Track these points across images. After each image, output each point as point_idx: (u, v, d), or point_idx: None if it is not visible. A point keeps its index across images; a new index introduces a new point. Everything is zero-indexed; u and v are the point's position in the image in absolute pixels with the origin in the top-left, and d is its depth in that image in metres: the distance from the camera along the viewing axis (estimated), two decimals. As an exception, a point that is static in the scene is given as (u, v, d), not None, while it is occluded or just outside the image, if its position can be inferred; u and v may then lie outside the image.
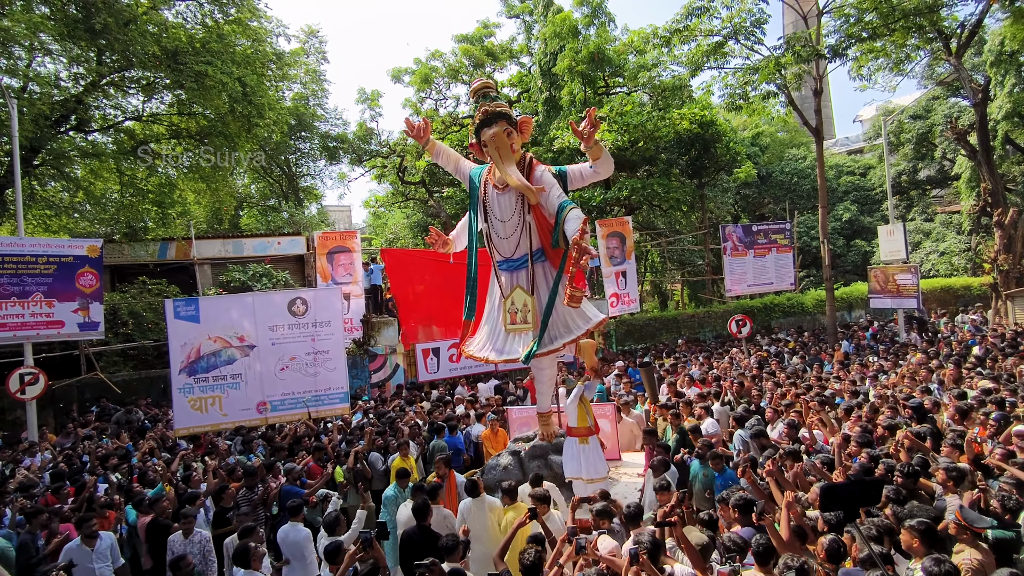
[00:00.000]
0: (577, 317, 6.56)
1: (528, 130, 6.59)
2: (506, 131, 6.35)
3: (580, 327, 6.51)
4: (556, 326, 6.57)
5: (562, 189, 6.42)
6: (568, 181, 6.56)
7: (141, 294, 16.56)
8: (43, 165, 16.03)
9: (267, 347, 11.13)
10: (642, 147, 21.08)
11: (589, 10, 22.46)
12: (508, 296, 6.82)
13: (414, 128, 6.62)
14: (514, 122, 6.48)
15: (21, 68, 14.85)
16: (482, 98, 6.67)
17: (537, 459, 7.74)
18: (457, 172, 7.12)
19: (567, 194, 6.46)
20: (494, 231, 6.74)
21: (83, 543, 5.97)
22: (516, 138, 6.46)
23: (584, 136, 6.00)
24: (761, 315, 22.29)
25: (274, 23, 20.02)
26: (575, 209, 6.09)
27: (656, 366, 14.03)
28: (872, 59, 17.04)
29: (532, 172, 6.52)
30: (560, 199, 6.26)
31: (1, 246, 11.62)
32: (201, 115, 17.37)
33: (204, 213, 26.14)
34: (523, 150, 6.81)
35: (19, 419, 12.70)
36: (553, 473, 7.42)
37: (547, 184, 6.37)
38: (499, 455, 8.00)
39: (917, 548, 4.13)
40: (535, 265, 6.65)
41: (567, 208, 6.09)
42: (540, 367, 7.41)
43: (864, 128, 43.26)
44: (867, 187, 32.76)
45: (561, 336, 6.54)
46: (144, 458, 9.24)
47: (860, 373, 11.31)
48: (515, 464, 7.73)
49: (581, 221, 5.85)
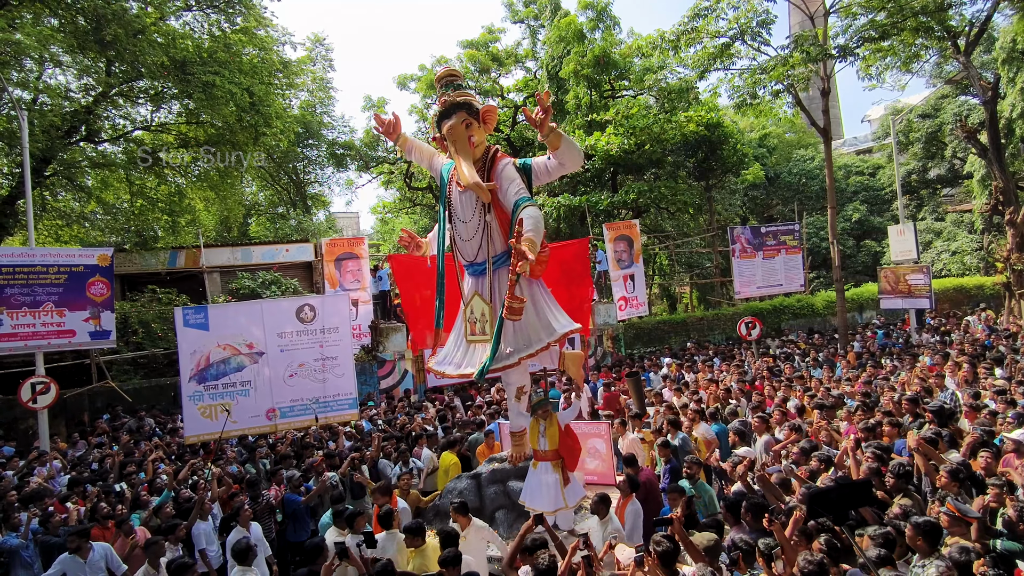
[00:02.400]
0: (540, 329, 5.89)
1: (492, 120, 6.02)
2: (464, 122, 5.80)
3: (541, 340, 5.83)
4: (515, 338, 5.90)
5: (526, 184, 5.84)
6: (533, 175, 5.94)
7: (151, 303, 16.66)
8: (54, 175, 16.19)
9: (276, 354, 11.15)
10: (649, 150, 21.04)
11: (594, 14, 22.48)
12: (468, 304, 6.30)
13: (384, 124, 6.21)
14: (475, 112, 5.88)
15: (32, 80, 15.03)
16: (446, 87, 6.10)
17: (496, 484, 7.09)
18: (431, 169, 6.58)
19: (531, 190, 5.88)
20: (457, 233, 6.21)
21: (75, 554, 5.87)
22: (476, 129, 5.89)
23: (537, 123, 5.40)
24: (771, 317, 22.15)
25: (280, 32, 20.21)
26: (529, 207, 5.51)
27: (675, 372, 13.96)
28: (880, 58, 16.92)
29: (495, 166, 5.93)
30: (518, 195, 5.65)
31: (12, 256, 11.72)
32: (209, 124, 17.50)
33: (213, 221, 26.31)
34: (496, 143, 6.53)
35: (31, 428, 12.77)
36: (511, 501, 6.85)
37: (506, 180, 5.78)
38: (458, 477, 7.43)
39: (921, 546, 4.08)
40: (495, 271, 6.08)
41: (521, 206, 5.52)
42: (508, 381, 6.75)
43: (873, 128, 43.02)
44: (876, 187, 32.55)
45: (519, 350, 5.84)
46: (154, 466, 9.26)
47: (871, 376, 11.17)
48: (472, 488, 7.10)
49: (533, 221, 5.33)
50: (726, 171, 24.31)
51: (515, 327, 5.83)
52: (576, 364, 6.89)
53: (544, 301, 6.15)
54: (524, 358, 5.81)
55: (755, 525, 4.98)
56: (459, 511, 5.76)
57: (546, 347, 5.80)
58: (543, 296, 6.20)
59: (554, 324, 5.93)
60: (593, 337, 17.98)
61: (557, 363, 6.76)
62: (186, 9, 16.97)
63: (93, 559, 5.94)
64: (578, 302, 16.81)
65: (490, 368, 5.76)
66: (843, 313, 17.97)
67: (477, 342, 6.12)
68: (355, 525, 5.85)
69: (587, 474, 7.46)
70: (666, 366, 15.21)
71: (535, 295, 6.05)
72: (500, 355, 5.77)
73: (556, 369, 7.23)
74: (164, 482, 8.22)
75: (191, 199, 20.67)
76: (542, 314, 5.98)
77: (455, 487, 7.17)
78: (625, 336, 20.12)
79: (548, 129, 5.38)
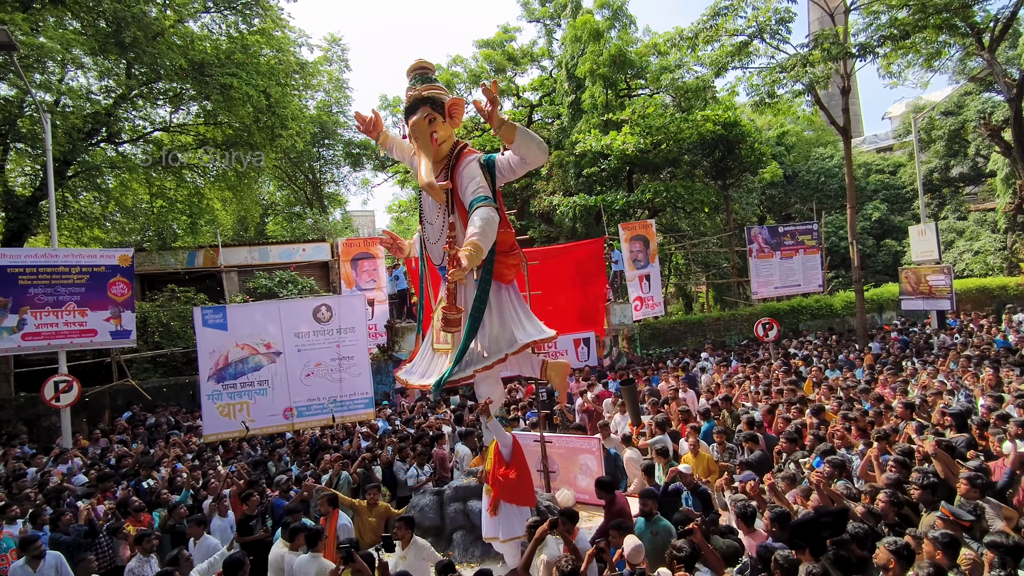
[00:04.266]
0: (502, 339, 5.58)
1: (459, 114, 5.67)
2: (427, 118, 5.49)
3: (500, 351, 5.50)
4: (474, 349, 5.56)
5: (489, 182, 5.50)
6: (496, 172, 5.59)
7: (170, 302, 16.86)
8: (75, 177, 16.42)
9: (293, 353, 11.23)
10: (665, 149, 20.91)
11: (610, 13, 22.38)
12: (435, 310, 5.96)
13: (365, 122, 6.05)
14: (440, 106, 5.56)
15: (54, 83, 15.24)
16: (415, 80, 5.78)
17: (457, 502, 6.77)
18: (411, 167, 6.26)
19: (494, 188, 5.54)
20: (426, 235, 5.93)
21: (27, 563, 5.74)
22: (440, 125, 5.57)
23: (485, 115, 5.11)
24: (788, 318, 21.91)
25: (297, 33, 20.33)
26: (481, 208, 5.12)
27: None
28: (902, 55, 16.66)
29: (459, 163, 5.61)
30: (475, 195, 5.28)
31: (36, 257, 11.93)
32: (227, 125, 17.67)
33: (231, 221, 26.58)
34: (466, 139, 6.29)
35: (54, 425, 12.99)
36: (471, 523, 6.57)
37: (466, 178, 5.43)
38: (423, 492, 7.12)
39: (941, 560, 4.01)
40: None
41: (475, 206, 5.17)
42: (479, 392, 6.37)
43: (893, 125, 42.36)
44: (897, 185, 32.07)
45: (475, 362, 5.51)
46: (173, 464, 9.38)
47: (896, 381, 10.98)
48: (434, 505, 6.79)
49: (481, 223, 4.96)
50: (743, 170, 24.08)
51: (478, 336, 5.52)
52: (560, 374, 6.43)
53: (512, 309, 5.85)
54: (480, 370, 5.49)
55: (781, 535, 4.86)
56: (405, 524, 5.59)
57: (503, 359, 5.48)
58: (512, 303, 5.89)
59: (517, 335, 5.62)
60: (608, 337, 17.90)
61: (538, 372, 6.37)
62: (204, 11, 17.13)
63: (44, 568, 5.78)
64: (592, 300, 16.88)
65: (448, 380, 5.47)
66: (862, 314, 17.72)
67: (441, 351, 5.82)
68: (295, 540, 5.60)
69: (579, 492, 6.99)
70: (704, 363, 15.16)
71: (502, 302, 5.77)
72: (461, 366, 5.47)
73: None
74: (183, 480, 8.31)
75: (209, 199, 20.89)
76: (507, 324, 5.68)
77: (418, 503, 6.88)
78: (641, 336, 20.01)
79: (498, 121, 5.07)
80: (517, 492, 5.74)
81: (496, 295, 5.70)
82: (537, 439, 7.47)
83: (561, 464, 7.47)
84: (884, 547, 4.09)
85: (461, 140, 5.90)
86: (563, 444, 7.53)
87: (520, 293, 6.10)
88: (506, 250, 5.80)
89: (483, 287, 5.54)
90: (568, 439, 7.60)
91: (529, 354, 6.34)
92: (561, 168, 23.00)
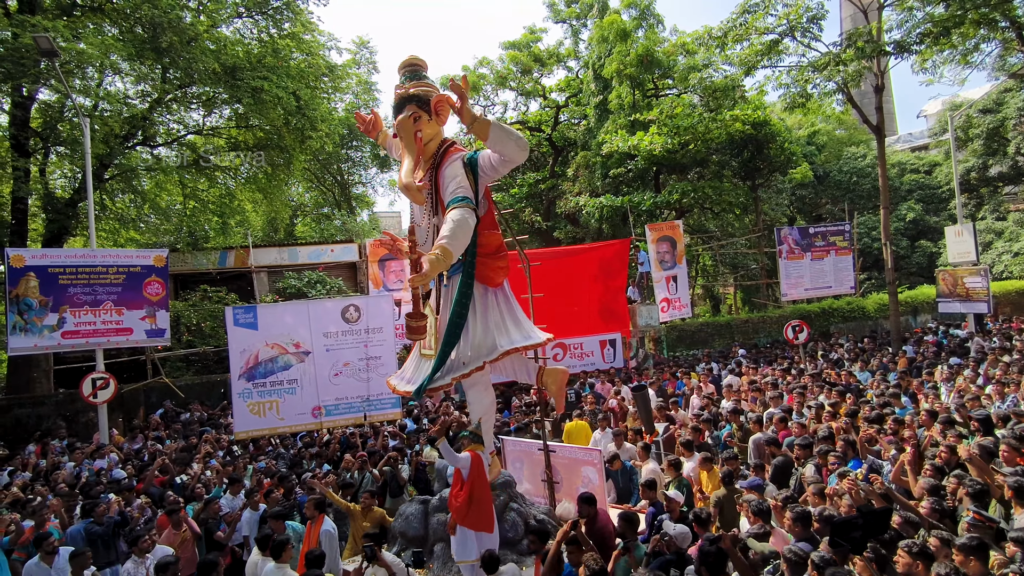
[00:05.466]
0: (483, 346, 5.34)
1: (445, 112, 5.46)
2: (412, 116, 5.30)
3: (479, 358, 5.27)
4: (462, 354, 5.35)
5: (471, 182, 5.30)
6: (479, 171, 5.35)
7: (202, 302, 17.21)
8: (112, 179, 16.85)
9: (322, 353, 11.37)
10: (693, 149, 20.72)
11: (637, 12, 22.24)
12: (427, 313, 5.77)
13: (365, 122, 5.94)
14: (426, 104, 5.36)
15: (93, 88, 15.66)
16: (405, 78, 5.60)
17: (441, 512, 6.60)
18: None
19: (476, 188, 5.33)
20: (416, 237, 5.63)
21: (41, 560, 5.90)
22: (425, 123, 5.38)
23: (456, 110, 4.92)
24: (819, 320, 21.54)
25: (326, 36, 20.55)
26: (454, 209, 4.90)
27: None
28: (938, 52, 16.25)
29: (443, 162, 5.40)
30: (452, 195, 5.07)
31: (75, 257, 12.29)
32: (258, 128, 17.97)
33: (261, 222, 27.02)
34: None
35: (91, 421, 13.35)
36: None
37: (447, 178, 5.23)
38: (411, 500, 6.88)
39: (975, 567, 3.93)
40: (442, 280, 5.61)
41: (450, 207, 4.97)
42: (469, 399, 6.18)
43: (929, 123, 41.35)
44: (933, 185, 31.29)
45: (455, 369, 5.29)
46: (205, 461, 9.57)
47: (931, 383, 10.74)
48: (419, 515, 6.56)
49: (452, 226, 4.72)
50: (773, 170, 23.74)
51: (461, 342, 5.35)
52: (557, 381, 6.03)
53: (499, 314, 5.62)
54: (457, 378, 5.28)
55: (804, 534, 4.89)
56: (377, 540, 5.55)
57: (480, 368, 5.25)
58: (499, 308, 5.65)
59: (499, 341, 5.38)
60: (635, 339, 17.80)
61: (534, 379, 6.07)
62: (237, 16, 17.46)
63: (58, 564, 5.92)
64: (613, 294, 16.79)
65: (427, 387, 5.31)
66: (896, 316, 17.34)
67: (427, 356, 5.62)
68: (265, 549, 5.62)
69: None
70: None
71: (488, 307, 5.55)
72: (441, 373, 5.30)
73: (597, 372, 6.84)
74: (211, 477, 8.49)
75: (240, 200, 21.28)
76: (490, 330, 5.45)
77: (404, 511, 6.69)
78: (668, 338, 19.85)
79: (469, 117, 4.85)
80: (470, 516, 5.56)
81: (482, 299, 5.52)
82: (541, 448, 7.29)
83: (564, 475, 7.18)
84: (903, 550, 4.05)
85: (448, 139, 5.70)
86: (566, 455, 7.24)
87: (512, 297, 5.86)
88: (492, 252, 5.58)
89: (464, 291, 5.36)
90: (571, 449, 7.31)
91: (524, 359, 6.11)
92: (588, 169, 22.93)
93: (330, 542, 6.16)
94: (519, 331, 5.57)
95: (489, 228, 5.59)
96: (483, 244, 5.47)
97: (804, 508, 5.12)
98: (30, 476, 9.30)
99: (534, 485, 7.54)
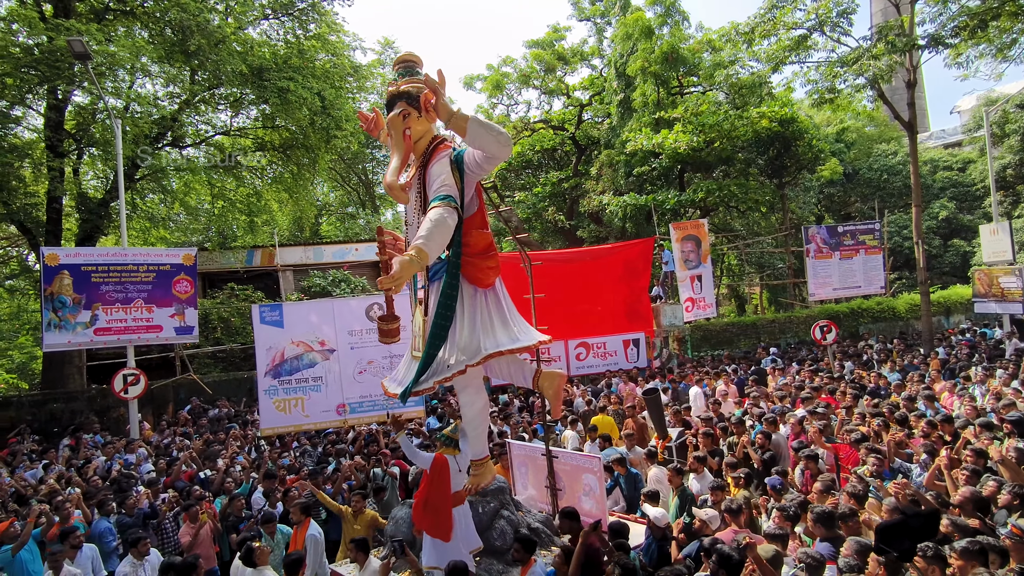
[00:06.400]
0: (468, 349, 5.12)
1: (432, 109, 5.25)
2: (402, 113, 5.14)
3: (461, 363, 5.05)
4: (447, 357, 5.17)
5: (457, 180, 5.12)
6: (465, 168, 5.15)
7: (230, 300, 17.47)
8: (143, 179, 17.20)
9: (346, 351, 11.47)
10: (718, 147, 20.46)
11: (662, 9, 22.03)
12: (413, 316, 5.65)
13: (367, 120, 5.81)
14: (416, 100, 5.15)
15: (124, 90, 16.00)
16: (400, 75, 5.43)
17: None
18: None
19: (462, 187, 5.14)
20: (408, 237, 5.51)
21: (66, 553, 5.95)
22: (415, 120, 5.21)
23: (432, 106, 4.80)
24: (848, 320, 21.14)
25: (351, 37, 20.74)
26: (433, 209, 4.72)
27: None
28: (973, 45, 15.80)
29: (431, 160, 5.25)
30: (435, 193, 4.90)
31: (107, 256, 12.57)
32: (284, 128, 18.19)
33: (287, 221, 27.37)
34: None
35: (122, 416, 13.65)
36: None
37: (433, 176, 5.08)
38: (402, 504, 6.55)
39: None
40: (433, 281, 5.44)
41: (431, 206, 4.79)
42: (460, 402, 6.00)
43: (963, 120, 40.37)
44: (966, 183, 30.51)
45: (439, 372, 5.11)
46: (233, 455, 9.71)
47: (964, 386, 10.45)
48: (407, 519, 6.15)
49: (429, 225, 4.55)
50: (801, 168, 23.35)
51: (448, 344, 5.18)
52: (553, 385, 5.73)
53: (487, 315, 5.40)
54: (439, 382, 5.10)
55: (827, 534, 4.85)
56: (356, 547, 5.43)
57: (462, 371, 5.04)
58: (487, 309, 5.43)
59: (484, 343, 5.16)
60: (659, 338, 17.64)
61: (530, 382, 5.83)
62: (263, 18, 17.69)
63: (81, 560, 6.02)
64: (637, 294, 16.65)
65: (412, 391, 5.15)
66: (928, 317, 16.93)
67: (417, 359, 5.40)
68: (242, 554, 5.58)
69: (583, 515, 6.18)
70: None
71: (476, 308, 5.35)
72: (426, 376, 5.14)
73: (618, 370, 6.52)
74: (241, 472, 8.60)
75: (267, 200, 21.58)
76: (476, 332, 5.25)
77: (396, 514, 6.42)
78: (692, 338, 19.65)
79: (446, 113, 4.66)
80: (425, 519, 5.34)
81: (471, 300, 5.33)
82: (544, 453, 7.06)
83: (567, 482, 6.91)
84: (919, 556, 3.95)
85: (439, 135, 5.52)
86: (568, 461, 6.95)
87: (505, 298, 5.65)
88: (480, 252, 5.37)
89: (448, 292, 5.17)
90: (572, 455, 7.05)
91: (520, 362, 5.90)
92: (611, 167, 22.80)
93: (315, 547, 6.09)
94: (506, 333, 5.36)
95: (478, 227, 5.40)
96: (470, 244, 5.28)
97: (825, 508, 5.02)
98: (63, 469, 9.53)
99: (539, 491, 7.30)
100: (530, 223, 25.73)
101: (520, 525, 5.88)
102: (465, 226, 5.20)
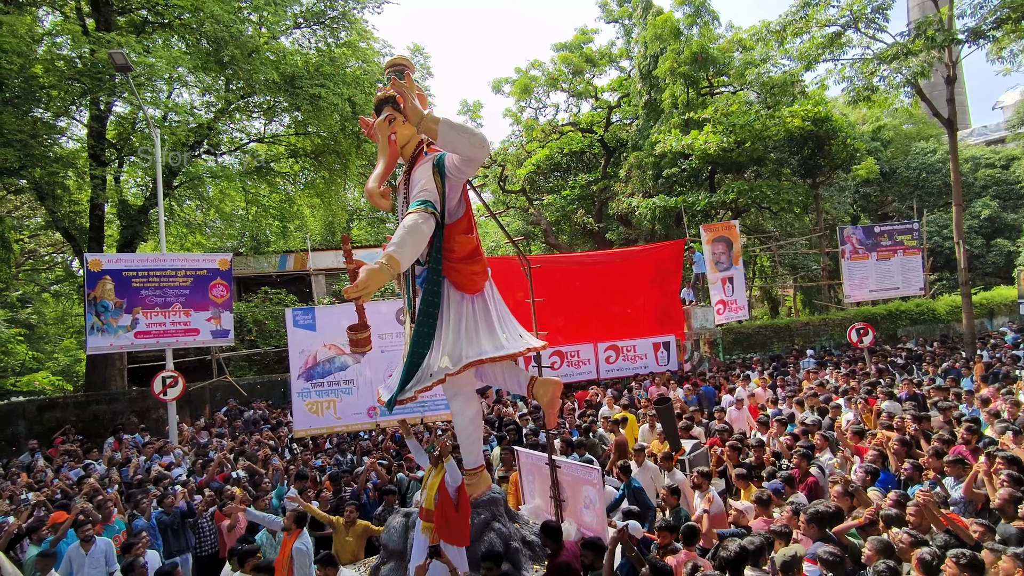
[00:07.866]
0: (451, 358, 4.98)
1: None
2: (387, 118, 5.15)
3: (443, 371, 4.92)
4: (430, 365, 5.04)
5: (438, 185, 4.96)
6: (446, 172, 4.98)
7: (264, 303, 17.82)
8: (180, 186, 17.67)
9: (376, 354, 11.53)
10: (750, 147, 20.15)
11: (692, 9, 21.82)
12: (404, 323, 5.56)
13: (368, 126, 5.74)
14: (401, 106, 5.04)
15: (163, 99, 16.47)
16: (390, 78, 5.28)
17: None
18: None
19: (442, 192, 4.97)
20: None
21: (80, 546, 6.21)
22: (400, 125, 5.19)
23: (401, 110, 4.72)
24: (885, 323, 20.61)
25: (381, 43, 21.01)
26: (411, 214, 4.59)
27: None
28: (1016, 39, 15.29)
29: (415, 165, 5.21)
30: (415, 198, 4.79)
31: (147, 261, 12.95)
32: (316, 134, 18.50)
33: (319, 226, 27.79)
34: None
35: (161, 417, 14.02)
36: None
37: (414, 181, 5.01)
38: (395, 512, 6.41)
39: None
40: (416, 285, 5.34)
41: (406, 212, 4.68)
42: (452, 409, 5.89)
43: (1006, 115, 39.07)
44: (1010, 180, 29.53)
45: (421, 380, 4.98)
46: (266, 458, 9.90)
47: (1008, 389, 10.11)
48: (401, 529, 6.03)
49: (402, 232, 4.44)
50: (835, 167, 22.85)
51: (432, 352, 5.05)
52: (548, 393, 5.47)
53: (473, 322, 5.24)
54: (420, 391, 4.97)
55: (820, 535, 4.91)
56: (324, 563, 5.28)
57: (442, 380, 4.94)
58: (474, 316, 5.27)
59: (466, 351, 5.00)
60: (689, 341, 17.45)
61: (524, 390, 5.63)
62: (295, 28, 18.04)
63: (95, 552, 6.22)
64: (669, 297, 16.52)
65: (397, 400, 5.06)
66: (970, 319, 16.41)
67: None
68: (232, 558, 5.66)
69: (582, 528, 6.20)
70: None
71: (462, 315, 5.20)
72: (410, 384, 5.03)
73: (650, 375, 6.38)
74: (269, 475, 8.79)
75: (299, 205, 21.95)
76: (460, 339, 5.12)
77: (389, 523, 6.26)
78: (724, 341, 19.38)
79: (416, 115, 4.43)
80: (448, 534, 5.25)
81: (456, 307, 5.19)
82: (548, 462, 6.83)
83: (570, 492, 6.71)
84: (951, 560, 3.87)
85: (424, 140, 5.35)
86: (570, 472, 6.70)
87: (497, 303, 5.52)
88: (463, 257, 5.19)
89: (429, 299, 5.04)
90: (574, 466, 6.77)
91: (515, 368, 5.78)
92: (640, 169, 22.63)
93: (300, 558, 6.03)
94: (491, 341, 5.16)
95: (463, 232, 5.22)
96: (453, 249, 5.12)
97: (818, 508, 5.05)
98: (105, 468, 9.84)
99: (544, 500, 7.07)
100: (559, 226, 25.66)
101: (512, 538, 5.69)
102: (448, 231, 5.07)
